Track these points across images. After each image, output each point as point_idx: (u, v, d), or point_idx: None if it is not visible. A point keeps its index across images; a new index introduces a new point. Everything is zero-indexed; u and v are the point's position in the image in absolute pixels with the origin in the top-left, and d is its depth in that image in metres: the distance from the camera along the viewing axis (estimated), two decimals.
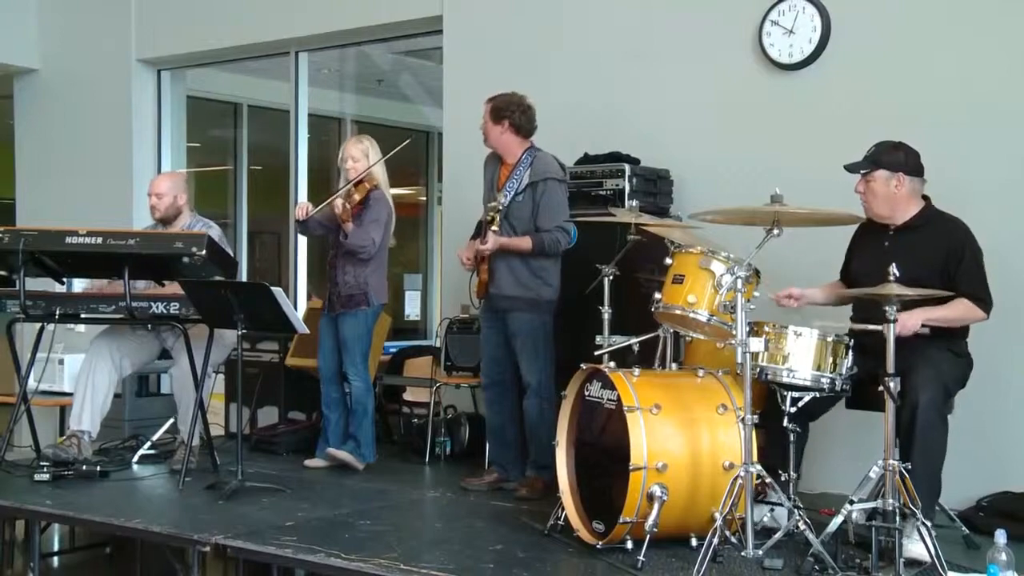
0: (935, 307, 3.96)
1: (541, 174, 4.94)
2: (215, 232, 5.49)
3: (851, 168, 4.19)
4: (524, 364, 4.99)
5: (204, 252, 4.97)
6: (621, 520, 3.77)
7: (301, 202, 5.55)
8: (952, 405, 4.11)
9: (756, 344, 3.80)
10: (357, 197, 5.26)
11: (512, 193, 4.94)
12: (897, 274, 3.67)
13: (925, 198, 4.21)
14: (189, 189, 6.05)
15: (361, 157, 5.35)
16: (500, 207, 4.90)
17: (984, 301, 4.07)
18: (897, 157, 4.14)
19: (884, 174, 4.13)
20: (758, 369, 3.92)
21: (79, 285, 6.13)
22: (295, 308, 5.48)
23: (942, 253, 4.08)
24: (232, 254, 5.52)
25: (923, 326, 3.90)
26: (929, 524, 3.62)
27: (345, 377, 5.46)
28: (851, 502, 3.74)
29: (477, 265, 5.04)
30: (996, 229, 4.35)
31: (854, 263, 4.37)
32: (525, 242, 4.91)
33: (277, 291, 4.81)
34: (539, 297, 4.96)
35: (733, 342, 3.80)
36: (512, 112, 4.98)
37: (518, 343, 5.00)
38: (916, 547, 3.64)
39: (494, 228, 4.86)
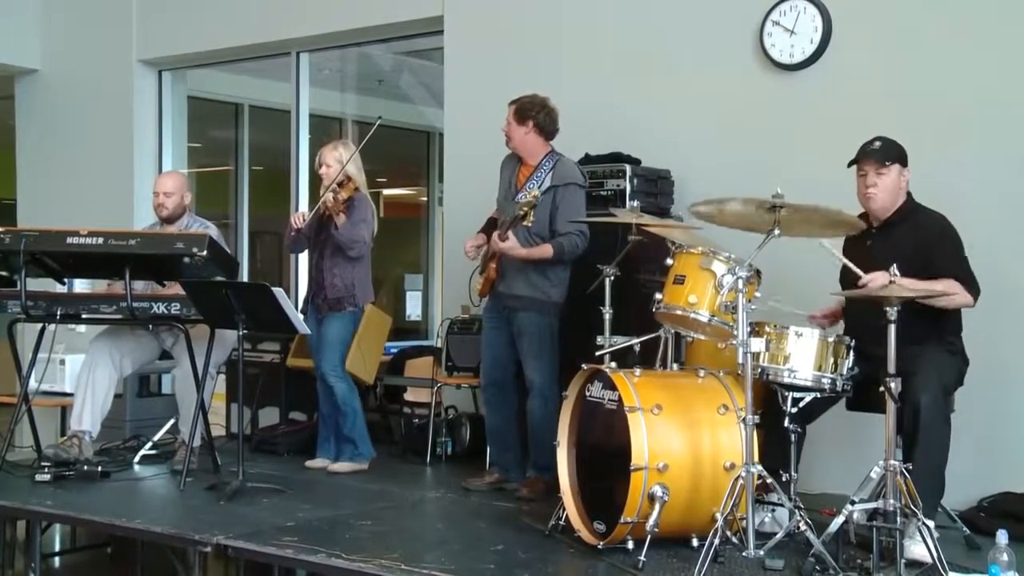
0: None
1: (563, 179, 4.92)
2: (212, 232, 5.49)
3: (871, 157, 4.10)
4: (528, 364, 4.98)
5: (205, 252, 4.97)
6: (622, 520, 3.77)
7: (296, 213, 5.56)
8: (952, 404, 4.10)
9: (757, 344, 3.80)
10: (344, 195, 5.29)
11: None
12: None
13: (907, 193, 4.21)
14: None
15: (335, 163, 5.41)
16: (535, 201, 4.65)
17: (968, 283, 3.99)
18: (902, 151, 4.13)
19: (898, 168, 4.11)
20: (759, 369, 3.92)
21: (80, 286, 6.13)
22: (296, 308, 5.49)
23: (919, 243, 4.05)
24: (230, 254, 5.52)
25: (915, 301, 3.83)
26: (930, 524, 3.62)
27: (324, 379, 5.47)
28: (852, 502, 3.73)
29: (485, 263, 5.01)
30: (996, 230, 4.35)
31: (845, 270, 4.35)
32: (547, 251, 4.87)
33: (278, 291, 4.81)
34: (547, 298, 4.95)
35: (734, 342, 3.80)
36: (537, 113, 4.97)
37: (524, 343, 4.98)
38: (917, 547, 3.63)
39: (526, 223, 4.71)
